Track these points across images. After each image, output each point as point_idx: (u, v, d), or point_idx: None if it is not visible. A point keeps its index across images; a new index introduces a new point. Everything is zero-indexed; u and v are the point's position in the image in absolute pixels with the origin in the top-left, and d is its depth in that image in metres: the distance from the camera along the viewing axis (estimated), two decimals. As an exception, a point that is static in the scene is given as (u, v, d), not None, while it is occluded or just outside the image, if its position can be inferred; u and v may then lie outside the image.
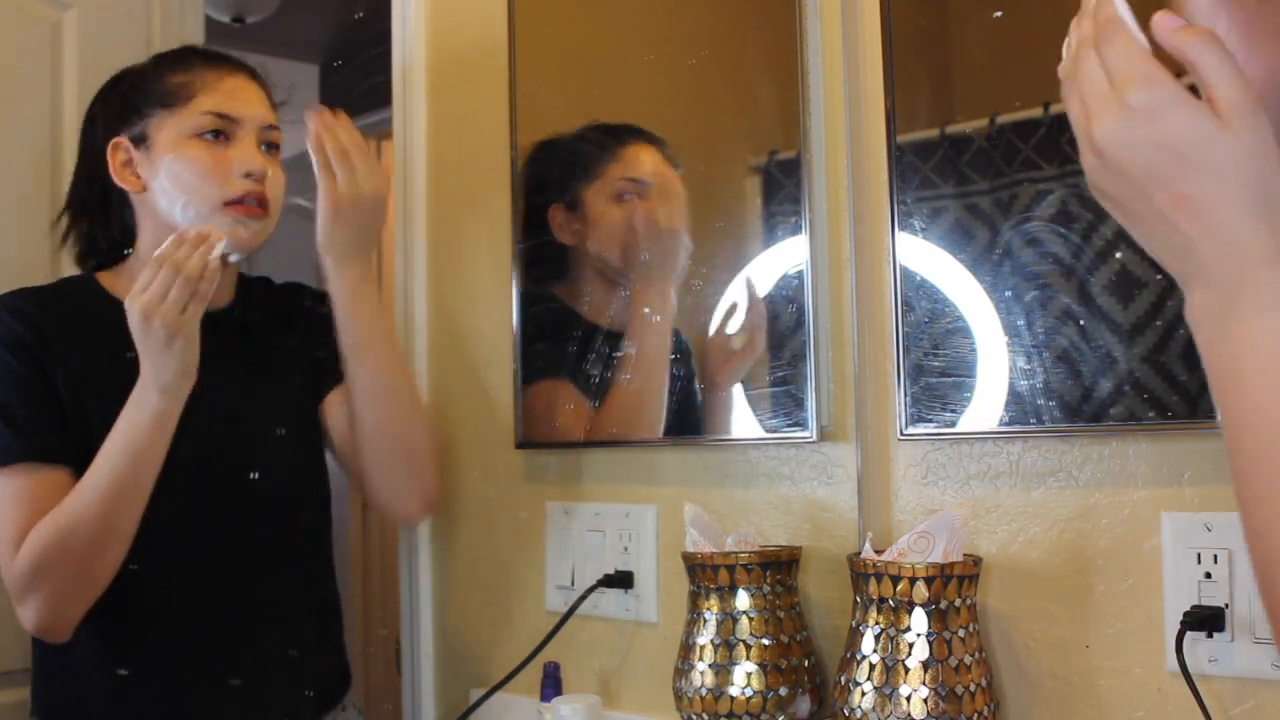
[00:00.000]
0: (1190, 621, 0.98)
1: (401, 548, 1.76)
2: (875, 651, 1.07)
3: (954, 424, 1.15)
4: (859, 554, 1.12)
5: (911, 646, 1.05)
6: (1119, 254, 1.05)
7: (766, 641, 1.18)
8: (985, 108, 1.16)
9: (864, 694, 1.07)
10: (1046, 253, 1.10)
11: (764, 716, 1.17)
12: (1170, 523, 1.03)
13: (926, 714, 1.03)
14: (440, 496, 1.48)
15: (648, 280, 1.45)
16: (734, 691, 1.17)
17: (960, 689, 1.04)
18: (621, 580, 1.43)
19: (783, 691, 1.17)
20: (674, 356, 1.42)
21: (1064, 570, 1.10)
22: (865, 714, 1.06)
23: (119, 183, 1.38)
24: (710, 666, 1.18)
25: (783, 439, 1.29)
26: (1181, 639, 0.98)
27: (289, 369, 1.46)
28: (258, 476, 1.39)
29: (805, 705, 1.19)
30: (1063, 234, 1.08)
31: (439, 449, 1.46)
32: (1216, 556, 1.00)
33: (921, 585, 1.05)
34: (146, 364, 1.23)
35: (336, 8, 3.53)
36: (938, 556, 1.06)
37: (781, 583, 1.21)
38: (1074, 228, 1.08)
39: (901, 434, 1.18)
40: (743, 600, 1.19)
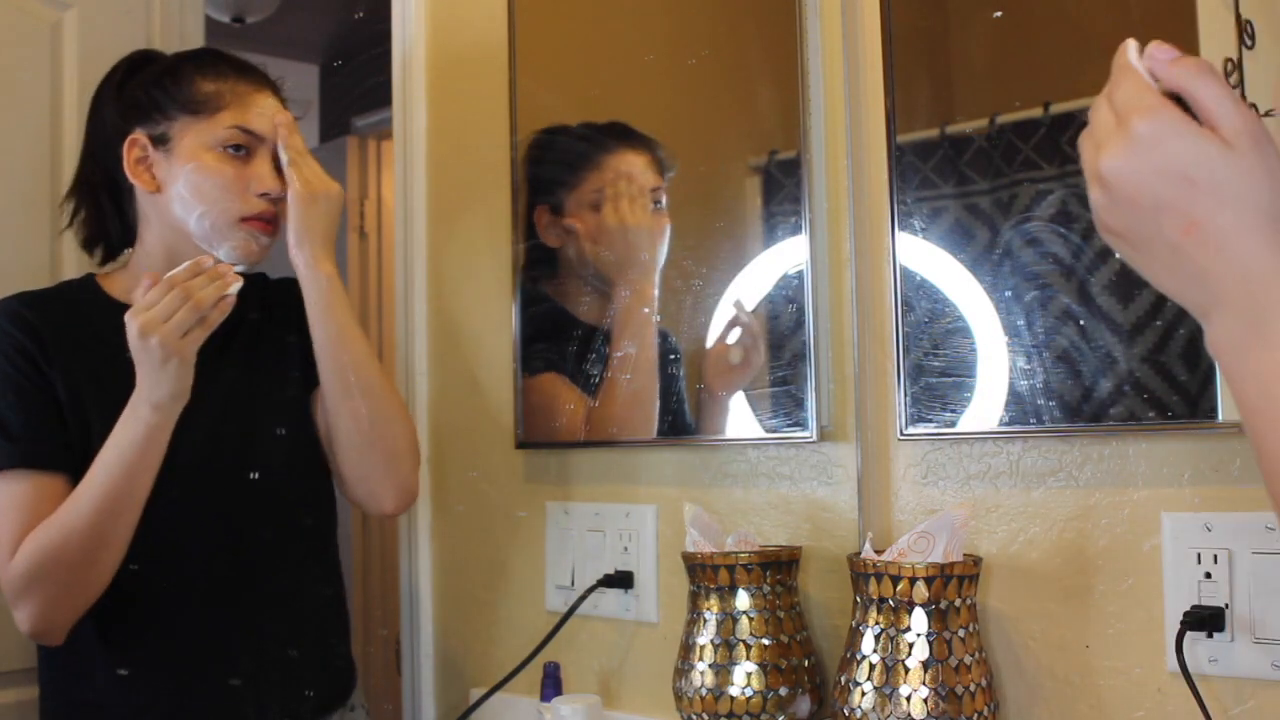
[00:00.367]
0: (1190, 621, 0.98)
1: (401, 548, 1.76)
2: (875, 651, 1.07)
3: (954, 424, 1.15)
4: (859, 554, 1.13)
5: (911, 646, 1.05)
6: (1119, 254, 1.05)
7: (766, 641, 1.18)
8: (985, 108, 1.16)
9: (864, 694, 1.07)
10: (1046, 253, 1.10)
11: (764, 716, 1.17)
12: (1170, 523, 1.03)
13: (926, 714, 1.03)
14: (416, 491, 1.47)
15: (626, 280, 1.46)
16: (734, 691, 1.17)
17: (960, 689, 1.04)
18: (621, 580, 1.43)
19: (783, 691, 1.17)
20: (672, 357, 1.42)
21: (1064, 570, 1.10)
22: (865, 714, 1.06)
23: (130, 178, 1.37)
24: (710, 666, 1.18)
25: (783, 439, 1.29)
26: (1181, 639, 0.98)
27: (288, 367, 1.46)
28: (257, 476, 1.39)
29: (805, 705, 1.19)
30: (1063, 234, 1.09)
31: (416, 444, 1.45)
32: (1216, 556, 1.00)
33: (921, 585, 1.05)
34: (141, 379, 1.24)
35: (336, 8, 3.53)
36: (938, 556, 1.07)
37: (781, 583, 1.21)
38: (1074, 228, 1.08)
39: (901, 434, 1.18)
40: (743, 600, 1.19)
